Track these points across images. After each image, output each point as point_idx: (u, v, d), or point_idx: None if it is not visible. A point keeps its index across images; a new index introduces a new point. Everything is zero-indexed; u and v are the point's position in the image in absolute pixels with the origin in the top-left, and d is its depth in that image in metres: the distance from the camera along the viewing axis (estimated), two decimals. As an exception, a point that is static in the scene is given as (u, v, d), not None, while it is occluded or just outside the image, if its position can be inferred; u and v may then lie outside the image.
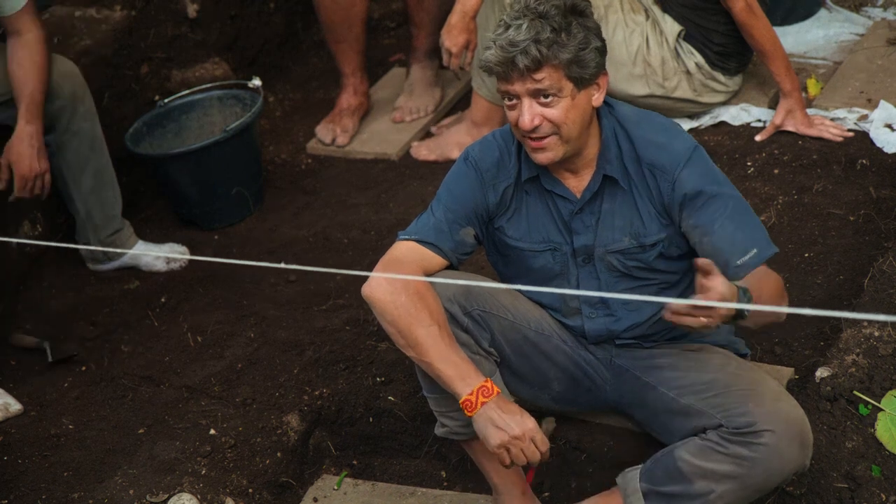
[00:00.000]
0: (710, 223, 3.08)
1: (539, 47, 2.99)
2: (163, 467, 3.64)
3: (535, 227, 3.26)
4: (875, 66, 4.87)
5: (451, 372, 3.09)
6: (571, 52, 3.02)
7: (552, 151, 3.10)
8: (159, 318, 4.38)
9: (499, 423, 3.05)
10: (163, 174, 4.83)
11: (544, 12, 3.02)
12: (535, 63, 3.00)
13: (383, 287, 3.14)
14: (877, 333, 3.48)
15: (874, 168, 4.38)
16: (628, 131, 3.16)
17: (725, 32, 4.56)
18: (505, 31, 3.03)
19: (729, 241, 3.06)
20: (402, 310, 3.11)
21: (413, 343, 3.12)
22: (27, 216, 4.63)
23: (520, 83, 3.04)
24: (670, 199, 3.13)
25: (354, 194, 4.90)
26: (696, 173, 3.11)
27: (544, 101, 3.04)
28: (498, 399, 3.07)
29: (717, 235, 3.07)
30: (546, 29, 3.00)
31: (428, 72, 5.26)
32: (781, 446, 3.04)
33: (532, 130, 3.06)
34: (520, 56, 2.99)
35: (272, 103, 5.53)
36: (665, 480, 3.16)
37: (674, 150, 3.13)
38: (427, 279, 3.15)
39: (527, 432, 3.05)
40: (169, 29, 5.33)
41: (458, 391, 3.08)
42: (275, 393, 3.89)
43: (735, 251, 3.04)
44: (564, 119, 3.05)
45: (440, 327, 3.11)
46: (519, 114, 3.06)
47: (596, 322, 3.32)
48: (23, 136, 4.20)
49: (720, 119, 4.73)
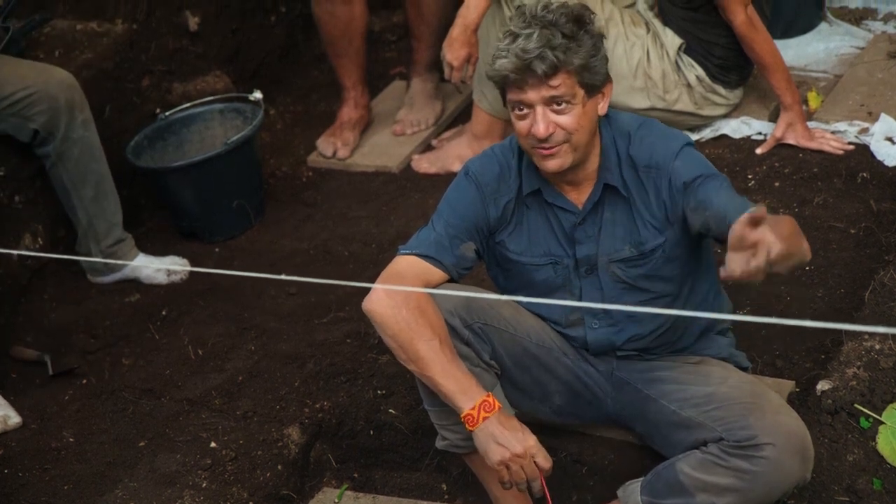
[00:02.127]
0: (709, 196, 3.06)
1: (555, 53, 3.01)
2: (163, 480, 3.64)
3: (535, 240, 3.26)
4: (876, 79, 4.88)
5: (452, 386, 3.09)
6: (583, 58, 3.04)
7: (562, 158, 3.11)
8: (160, 331, 4.38)
9: (500, 440, 3.05)
10: (163, 187, 4.84)
11: (553, 21, 3.04)
12: (553, 68, 3.01)
13: (384, 301, 3.14)
14: (878, 346, 3.48)
15: (875, 181, 4.38)
16: (624, 135, 3.18)
17: (726, 45, 4.57)
18: (514, 41, 3.04)
19: (731, 206, 2.98)
20: (404, 324, 3.11)
21: (414, 357, 3.11)
22: (28, 229, 4.63)
23: (535, 91, 3.04)
24: (669, 193, 3.14)
25: (355, 207, 4.91)
26: (688, 163, 3.13)
27: (557, 108, 3.06)
28: (500, 414, 3.07)
29: (720, 201, 3.02)
30: (557, 35, 3.02)
31: (429, 85, 5.27)
32: (782, 459, 3.04)
33: (545, 139, 3.07)
34: (536, 62, 3.01)
35: (273, 116, 5.54)
36: (666, 493, 3.16)
37: (665, 147, 3.16)
38: (428, 290, 3.15)
39: (528, 449, 3.04)
40: (170, 42, 5.34)
41: (460, 405, 3.08)
42: (275, 406, 3.88)
43: (738, 212, 2.87)
44: (577, 126, 3.07)
45: (441, 341, 3.11)
46: (531, 123, 3.07)
47: (598, 332, 3.32)
48: None
49: (721, 132, 4.73)
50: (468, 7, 4.39)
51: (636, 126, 3.21)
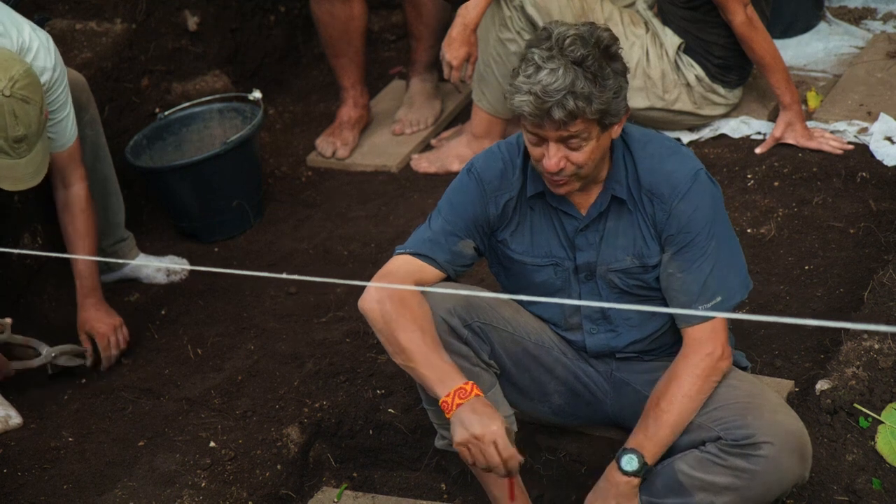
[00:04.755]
0: (688, 263, 3.14)
1: (576, 101, 2.96)
2: (163, 480, 3.64)
3: (538, 241, 3.26)
4: (875, 78, 4.88)
5: (431, 375, 3.09)
6: (605, 102, 3.00)
7: (569, 186, 3.13)
8: (159, 331, 4.38)
9: (465, 423, 3.02)
10: (163, 187, 4.83)
11: (579, 59, 2.97)
12: (571, 117, 2.98)
13: (373, 297, 3.17)
14: (877, 346, 3.48)
15: (874, 181, 4.38)
16: (634, 153, 3.18)
17: (725, 45, 4.57)
18: (536, 73, 2.98)
19: (700, 284, 3.14)
20: (388, 316, 3.13)
21: (398, 349, 3.13)
22: (27, 228, 4.63)
23: (552, 131, 3.03)
24: (663, 226, 3.16)
25: (355, 207, 4.90)
26: (690, 208, 3.13)
27: (572, 144, 3.04)
28: (475, 401, 3.05)
29: (693, 275, 3.14)
30: (581, 79, 2.96)
31: (428, 84, 5.27)
32: (781, 458, 3.04)
33: (556, 173, 3.07)
34: (556, 109, 2.97)
35: (272, 116, 5.53)
36: (665, 493, 3.16)
37: (673, 179, 3.15)
38: (422, 289, 3.17)
39: (488, 434, 3.00)
40: (169, 42, 5.34)
41: (437, 393, 3.08)
42: (275, 405, 3.88)
43: (703, 296, 3.14)
44: (588, 160, 3.07)
45: (423, 332, 3.12)
46: (543, 154, 3.06)
47: (597, 338, 3.32)
48: (87, 306, 4.24)
49: (720, 131, 4.73)
50: (467, 6, 4.40)
51: (648, 145, 3.19)
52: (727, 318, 3.20)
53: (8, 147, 3.73)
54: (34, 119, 3.76)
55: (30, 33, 3.94)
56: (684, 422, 3.15)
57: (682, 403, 3.13)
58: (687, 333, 3.17)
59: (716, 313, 3.11)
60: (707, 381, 3.14)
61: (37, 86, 3.80)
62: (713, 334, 3.14)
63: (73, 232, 4.22)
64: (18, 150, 3.75)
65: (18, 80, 3.71)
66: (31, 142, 3.77)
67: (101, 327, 4.22)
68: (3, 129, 3.70)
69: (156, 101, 5.22)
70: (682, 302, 3.15)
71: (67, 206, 4.20)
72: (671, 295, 3.18)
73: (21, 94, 3.71)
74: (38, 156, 3.83)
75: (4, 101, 3.68)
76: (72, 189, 4.19)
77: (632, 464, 3.14)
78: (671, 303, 3.18)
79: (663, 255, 3.18)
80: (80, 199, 4.20)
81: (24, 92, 3.72)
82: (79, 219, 4.21)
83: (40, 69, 3.91)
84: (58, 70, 4.01)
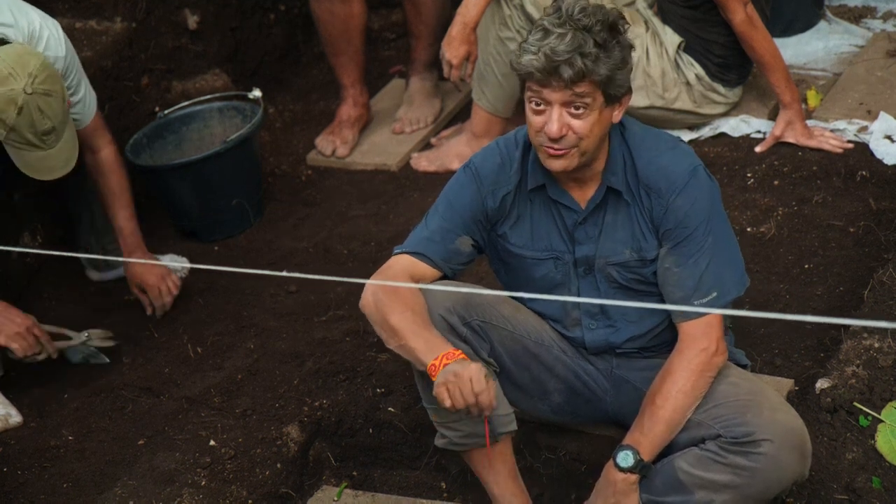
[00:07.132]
0: (685, 258, 3.15)
1: (584, 60, 3.00)
2: (162, 478, 3.64)
3: (538, 235, 3.27)
4: (875, 77, 4.87)
5: (420, 346, 3.11)
6: (610, 69, 3.03)
7: (568, 160, 3.12)
8: (159, 330, 4.38)
9: (446, 371, 3.04)
10: (163, 186, 4.83)
11: (588, 26, 3.02)
12: (579, 76, 3.01)
13: (368, 292, 3.21)
14: (877, 345, 3.48)
15: (874, 179, 4.38)
16: (632, 148, 3.19)
17: (725, 44, 4.57)
18: (545, 37, 3.02)
19: (696, 279, 3.14)
20: (380, 304, 3.17)
21: (391, 331, 3.15)
22: (27, 227, 4.63)
23: (557, 92, 3.04)
24: (660, 221, 3.17)
25: (354, 206, 4.90)
26: (688, 203, 3.15)
27: (575, 111, 3.05)
28: (461, 360, 3.06)
29: (689, 270, 3.15)
30: (589, 42, 3.01)
31: (427, 83, 5.27)
32: (780, 456, 3.04)
33: (557, 140, 3.07)
34: (564, 66, 3.00)
35: (272, 115, 5.53)
36: (665, 491, 3.16)
37: (671, 174, 3.16)
38: (421, 286, 3.19)
39: (465, 372, 3.01)
40: (169, 41, 5.34)
41: (425, 360, 3.09)
42: (275, 404, 3.88)
43: (699, 291, 3.15)
44: (589, 132, 3.07)
45: (413, 312, 3.15)
46: (546, 120, 3.07)
47: (596, 333, 3.33)
48: (133, 261, 4.32)
49: (720, 130, 4.73)
50: (467, 5, 4.40)
51: (647, 139, 3.21)
52: (723, 315, 3.20)
53: (38, 141, 3.79)
54: (59, 110, 3.81)
55: (39, 22, 3.98)
56: (680, 417, 3.15)
57: (677, 399, 3.13)
58: (682, 329, 3.17)
59: (710, 309, 3.12)
60: (702, 377, 3.15)
61: (55, 77, 3.84)
62: (708, 329, 3.15)
63: (108, 193, 4.31)
64: (48, 142, 3.81)
65: (37, 74, 3.74)
66: (59, 132, 3.83)
67: (151, 279, 4.34)
68: (31, 125, 3.74)
69: (156, 100, 5.22)
70: (677, 297, 3.15)
71: (99, 170, 4.29)
72: (667, 290, 3.19)
73: (43, 89, 3.74)
74: (68, 143, 3.89)
75: (28, 98, 3.71)
76: (101, 153, 4.28)
77: (627, 460, 3.15)
78: (667, 298, 3.19)
79: (660, 250, 3.18)
80: (110, 161, 4.30)
81: (45, 86, 3.75)
82: (112, 179, 4.30)
83: (53, 58, 3.94)
84: (69, 55, 4.06)
